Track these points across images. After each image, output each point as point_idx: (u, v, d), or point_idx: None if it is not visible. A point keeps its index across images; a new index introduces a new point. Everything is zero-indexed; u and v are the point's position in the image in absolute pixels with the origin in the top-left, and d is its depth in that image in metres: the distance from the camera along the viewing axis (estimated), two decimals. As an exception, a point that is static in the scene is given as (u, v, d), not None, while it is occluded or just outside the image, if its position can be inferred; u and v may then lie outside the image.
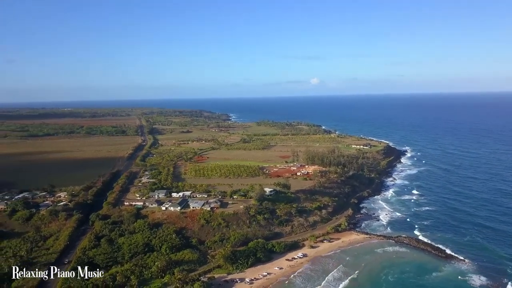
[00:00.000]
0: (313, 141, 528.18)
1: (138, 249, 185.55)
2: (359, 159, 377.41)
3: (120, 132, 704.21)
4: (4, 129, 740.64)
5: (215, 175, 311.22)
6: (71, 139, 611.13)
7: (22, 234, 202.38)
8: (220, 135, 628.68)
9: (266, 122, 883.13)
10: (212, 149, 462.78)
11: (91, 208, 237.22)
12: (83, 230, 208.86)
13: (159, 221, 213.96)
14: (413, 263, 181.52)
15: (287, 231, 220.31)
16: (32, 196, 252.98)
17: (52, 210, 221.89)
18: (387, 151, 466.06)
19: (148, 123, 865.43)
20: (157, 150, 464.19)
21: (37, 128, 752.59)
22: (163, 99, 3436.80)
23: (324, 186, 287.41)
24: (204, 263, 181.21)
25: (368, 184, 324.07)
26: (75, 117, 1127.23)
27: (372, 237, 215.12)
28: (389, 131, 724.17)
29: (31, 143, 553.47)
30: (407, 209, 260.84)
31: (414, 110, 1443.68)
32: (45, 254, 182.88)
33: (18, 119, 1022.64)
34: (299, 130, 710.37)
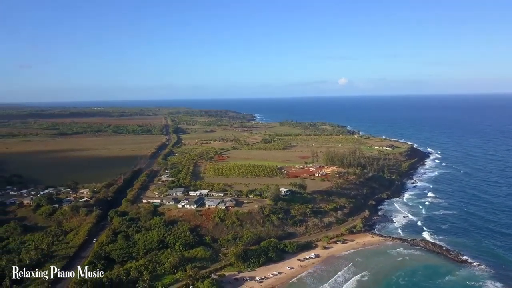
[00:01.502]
0: (335, 142, 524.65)
1: (153, 245, 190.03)
2: (380, 161, 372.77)
3: (146, 131, 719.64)
4: (37, 128, 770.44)
5: (233, 174, 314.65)
6: (98, 137, 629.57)
7: (45, 228, 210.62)
8: (242, 135, 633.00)
9: (290, 122, 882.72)
10: (233, 149, 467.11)
11: (110, 204, 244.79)
12: (102, 226, 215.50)
13: (174, 218, 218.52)
14: (427, 266, 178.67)
15: (301, 231, 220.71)
16: (56, 192, 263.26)
17: (73, 206, 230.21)
18: (410, 152, 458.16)
19: (173, 123, 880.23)
20: (180, 149, 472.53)
21: (67, 126, 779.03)
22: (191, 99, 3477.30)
23: (342, 187, 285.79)
24: (216, 261, 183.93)
25: (388, 186, 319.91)
26: (104, 116, 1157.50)
27: (387, 239, 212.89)
28: (415, 132, 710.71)
29: (60, 141, 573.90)
30: (425, 212, 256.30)
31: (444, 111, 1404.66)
32: (64, 248, 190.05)
33: (50, 117, 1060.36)
34: (322, 130, 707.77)
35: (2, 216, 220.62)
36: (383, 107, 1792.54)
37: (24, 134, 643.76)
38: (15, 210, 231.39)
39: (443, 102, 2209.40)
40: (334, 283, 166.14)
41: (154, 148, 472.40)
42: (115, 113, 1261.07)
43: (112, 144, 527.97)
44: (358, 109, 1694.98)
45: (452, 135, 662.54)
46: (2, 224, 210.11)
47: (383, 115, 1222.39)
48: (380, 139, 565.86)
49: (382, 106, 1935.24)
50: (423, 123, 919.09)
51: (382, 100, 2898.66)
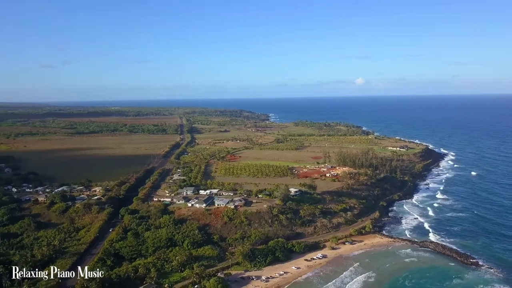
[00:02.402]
0: (348, 142, 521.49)
1: (161, 243, 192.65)
2: (392, 162, 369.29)
3: (161, 130, 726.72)
4: (55, 127, 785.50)
5: (244, 174, 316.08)
6: (114, 136, 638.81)
7: (58, 225, 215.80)
8: (255, 135, 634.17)
9: (304, 122, 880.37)
10: (245, 149, 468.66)
11: (122, 202, 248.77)
12: (113, 223, 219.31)
13: (184, 217, 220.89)
14: (435, 268, 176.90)
15: (310, 231, 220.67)
16: (70, 190, 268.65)
17: (86, 204, 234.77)
18: (425, 154, 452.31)
19: (188, 122, 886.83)
20: (193, 148, 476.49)
21: (84, 125, 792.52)
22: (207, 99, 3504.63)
23: (353, 188, 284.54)
24: (223, 260, 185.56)
25: (400, 187, 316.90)
26: (120, 115, 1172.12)
27: (396, 241, 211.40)
28: (432, 133, 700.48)
29: (77, 140, 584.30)
30: (436, 214, 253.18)
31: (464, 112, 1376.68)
32: (76, 244, 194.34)
33: (68, 117, 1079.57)
34: (337, 131, 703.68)
35: (17, 213, 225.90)
36: (401, 108, 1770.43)
37: (42, 133, 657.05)
38: (30, 207, 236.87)
39: (464, 103, 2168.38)
40: (340, 284, 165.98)
41: (167, 147, 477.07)
42: (132, 113, 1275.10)
43: (127, 143, 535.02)
44: (376, 109, 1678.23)
45: (469, 136, 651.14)
46: (17, 221, 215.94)
47: (400, 116, 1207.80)
48: (395, 140, 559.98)
49: (401, 106, 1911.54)
50: (441, 124, 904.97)
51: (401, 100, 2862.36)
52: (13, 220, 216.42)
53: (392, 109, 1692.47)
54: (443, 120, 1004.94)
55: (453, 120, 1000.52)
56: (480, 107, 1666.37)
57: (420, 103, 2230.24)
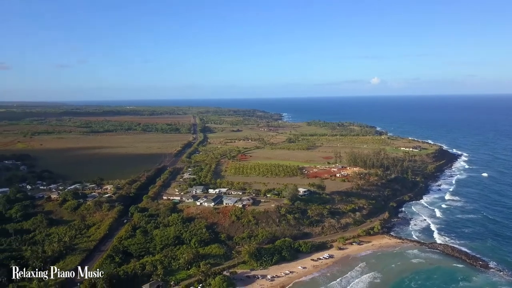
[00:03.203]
0: (361, 143, 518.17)
1: (169, 241, 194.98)
2: (404, 162, 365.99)
3: (174, 129, 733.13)
4: (71, 125, 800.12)
5: (253, 173, 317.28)
6: (128, 135, 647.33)
7: (69, 222, 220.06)
8: (267, 134, 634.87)
9: (317, 122, 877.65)
10: (256, 148, 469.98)
11: (132, 200, 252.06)
12: (122, 221, 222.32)
13: (192, 215, 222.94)
14: (443, 270, 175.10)
15: (317, 231, 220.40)
16: (82, 188, 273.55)
17: (97, 201, 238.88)
18: (438, 154, 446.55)
19: (201, 122, 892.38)
20: (204, 147, 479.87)
21: (99, 124, 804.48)
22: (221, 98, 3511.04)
23: (362, 189, 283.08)
24: (230, 258, 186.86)
25: (411, 188, 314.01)
26: (135, 115, 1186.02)
27: (405, 242, 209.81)
28: (446, 134, 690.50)
29: (91, 138, 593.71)
30: (447, 216, 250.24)
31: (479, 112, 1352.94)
32: (86, 241, 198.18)
33: (84, 116, 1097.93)
34: (350, 130, 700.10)
35: (30, 210, 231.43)
36: (415, 108, 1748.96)
37: (58, 132, 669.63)
38: (43, 204, 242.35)
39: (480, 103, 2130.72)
40: (345, 284, 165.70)
41: (180, 146, 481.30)
42: (146, 112, 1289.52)
43: (140, 142, 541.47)
44: (390, 109, 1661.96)
45: (483, 137, 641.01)
46: (30, 217, 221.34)
47: (414, 116, 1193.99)
48: (408, 140, 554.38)
49: (415, 106, 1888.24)
50: (455, 124, 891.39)
51: (415, 100, 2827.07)
52: (26, 217, 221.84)
53: (406, 109, 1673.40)
54: (458, 121, 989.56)
55: (468, 120, 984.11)
56: (496, 107, 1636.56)
57: (435, 103, 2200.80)
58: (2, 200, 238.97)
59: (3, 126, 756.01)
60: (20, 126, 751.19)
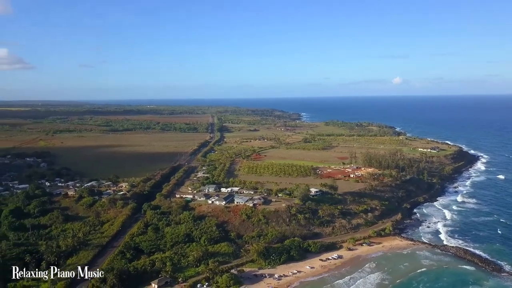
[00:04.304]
0: (377, 143, 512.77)
1: (179, 238, 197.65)
2: (421, 163, 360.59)
3: (192, 129, 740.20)
4: (91, 124, 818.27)
5: (266, 173, 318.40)
6: (147, 134, 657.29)
7: (84, 218, 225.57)
8: (283, 134, 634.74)
9: (335, 122, 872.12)
10: (271, 148, 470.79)
11: (146, 198, 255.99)
12: (135, 218, 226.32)
13: (203, 213, 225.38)
14: (453, 273, 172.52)
15: (327, 232, 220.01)
16: (98, 185, 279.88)
17: (111, 199, 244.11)
18: (457, 155, 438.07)
19: (219, 121, 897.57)
20: (220, 147, 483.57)
21: (119, 123, 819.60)
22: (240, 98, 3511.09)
23: (376, 189, 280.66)
24: (238, 257, 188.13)
25: (426, 189, 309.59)
26: (155, 114, 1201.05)
27: (417, 244, 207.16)
28: (467, 135, 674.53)
29: (110, 137, 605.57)
30: (462, 218, 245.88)
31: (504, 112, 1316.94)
32: (99, 237, 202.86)
33: (105, 114, 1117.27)
34: (368, 131, 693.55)
35: (47, 206, 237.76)
36: (437, 108, 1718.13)
37: (79, 130, 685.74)
38: (60, 200, 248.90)
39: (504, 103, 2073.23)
40: (353, 284, 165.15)
41: (196, 145, 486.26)
42: (166, 111, 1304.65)
43: (158, 140, 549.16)
44: (412, 109, 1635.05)
45: (504, 138, 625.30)
46: (47, 213, 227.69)
47: (436, 116, 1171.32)
48: (427, 141, 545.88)
49: (437, 106, 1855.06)
50: (477, 125, 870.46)
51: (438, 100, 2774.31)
52: (44, 213, 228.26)
53: (428, 109, 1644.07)
54: (480, 121, 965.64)
55: (490, 121, 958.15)
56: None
57: (458, 103, 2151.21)
58: (22, 196, 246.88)
59: (28, 124, 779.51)
60: (43, 125, 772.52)
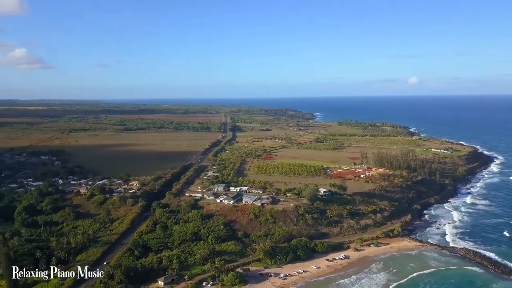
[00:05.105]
0: (390, 143, 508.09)
1: (187, 237, 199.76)
2: (433, 164, 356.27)
3: (205, 128, 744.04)
4: (106, 123, 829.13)
5: (276, 172, 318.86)
6: (160, 133, 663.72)
7: (95, 216, 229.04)
8: (295, 134, 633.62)
9: (348, 122, 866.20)
10: (282, 148, 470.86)
11: (156, 196, 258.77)
12: (145, 216, 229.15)
13: (212, 212, 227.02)
14: (461, 275, 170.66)
15: (335, 232, 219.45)
16: (110, 183, 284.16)
17: (122, 197, 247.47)
18: (471, 156, 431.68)
19: (232, 121, 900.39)
20: (231, 146, 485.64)
21: (133, 122, 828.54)
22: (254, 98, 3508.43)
23: (386, 190, 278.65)
24: (245, 256, 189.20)
25: (438, 190, 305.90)
26: (169, 113, 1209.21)
27: (425, 245, 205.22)
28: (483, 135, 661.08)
29: (124, 136, 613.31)
30: (473, 220, 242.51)
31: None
32: (108, 234, 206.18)
33: (120, 114, 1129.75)
34: (381, 131, 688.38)
35: (60, 203, 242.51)
36: (454, 108, 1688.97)
37: (94, 129, 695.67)
38: (72, 198, 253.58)
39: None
40: (358, 285, 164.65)
41: (207, 144, 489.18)
42: (180, 111, 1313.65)
43: (171, 140, 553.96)
44: (427, 109, 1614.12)
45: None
46: (59, 210, 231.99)
47: (452, 116, 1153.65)
48: (441, 141, 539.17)
49: (454, 106, 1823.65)
50: (494, 125, 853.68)
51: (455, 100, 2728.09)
52: (56, 210, 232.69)
53: (444, 109, 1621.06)
54: (497, 121, 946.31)
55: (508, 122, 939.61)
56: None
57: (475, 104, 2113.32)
58: (35, 193, 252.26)
59: (45, 123, 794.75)
60: (59, 124, 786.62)
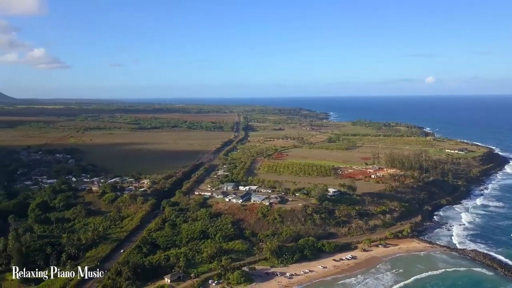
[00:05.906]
0: (403, 144, 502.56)
1: (195, 235, 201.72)
2: (446, 165, 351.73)
3: (218, 127, 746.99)
4: (121, 122, 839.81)
5: (286, 172, 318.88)
6: (173, 132, 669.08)
7: (106, 213, 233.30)
8: (307, 133, 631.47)
9: (362, 121, 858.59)
10: (294, 147, 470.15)
11: (166, 195, 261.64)
12: (154, 214, 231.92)
13: (220, 211, 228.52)
14: (470, 278, 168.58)
15: (343, 232, 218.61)
16: (121, 181, 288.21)
17: (132, 195, 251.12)
18: (486, 157, 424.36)
19: (245, 120, 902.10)
20: (243, 145, 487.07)
21: (147, 121, 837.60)
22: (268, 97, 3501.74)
23: (396, 191, 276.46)
24: (252, 254, 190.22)
25: (450, 191, 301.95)
26: (183, 112, 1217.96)
27: (434, 247, 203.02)
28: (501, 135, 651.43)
29: (138, 134, 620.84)
30: (485, 222, 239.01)
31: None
32: (118, 231, 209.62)
33: (135, 113, 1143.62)
34: (395, 131, 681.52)
35: (72, 200, 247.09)
36: (472, 108, 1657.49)
37: (108, 128, 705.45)
38: (84, 195, 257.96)
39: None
40: (365, 286, 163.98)
41: (219, 144, 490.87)
42: (193, 110, 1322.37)
43: (183, 139, 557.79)
44: (444, 109, 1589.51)
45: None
46: (71, 207, 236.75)
47: (469, 116, 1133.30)
48: (455, 141, 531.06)
49: (472, 106, 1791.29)
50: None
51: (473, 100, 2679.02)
52: (68, 207, 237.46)
53: (461, 109, 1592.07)
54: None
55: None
56: None
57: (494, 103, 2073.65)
58: (48, 191, 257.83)
59: (61, 122, 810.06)
60: (75, 122, 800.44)
